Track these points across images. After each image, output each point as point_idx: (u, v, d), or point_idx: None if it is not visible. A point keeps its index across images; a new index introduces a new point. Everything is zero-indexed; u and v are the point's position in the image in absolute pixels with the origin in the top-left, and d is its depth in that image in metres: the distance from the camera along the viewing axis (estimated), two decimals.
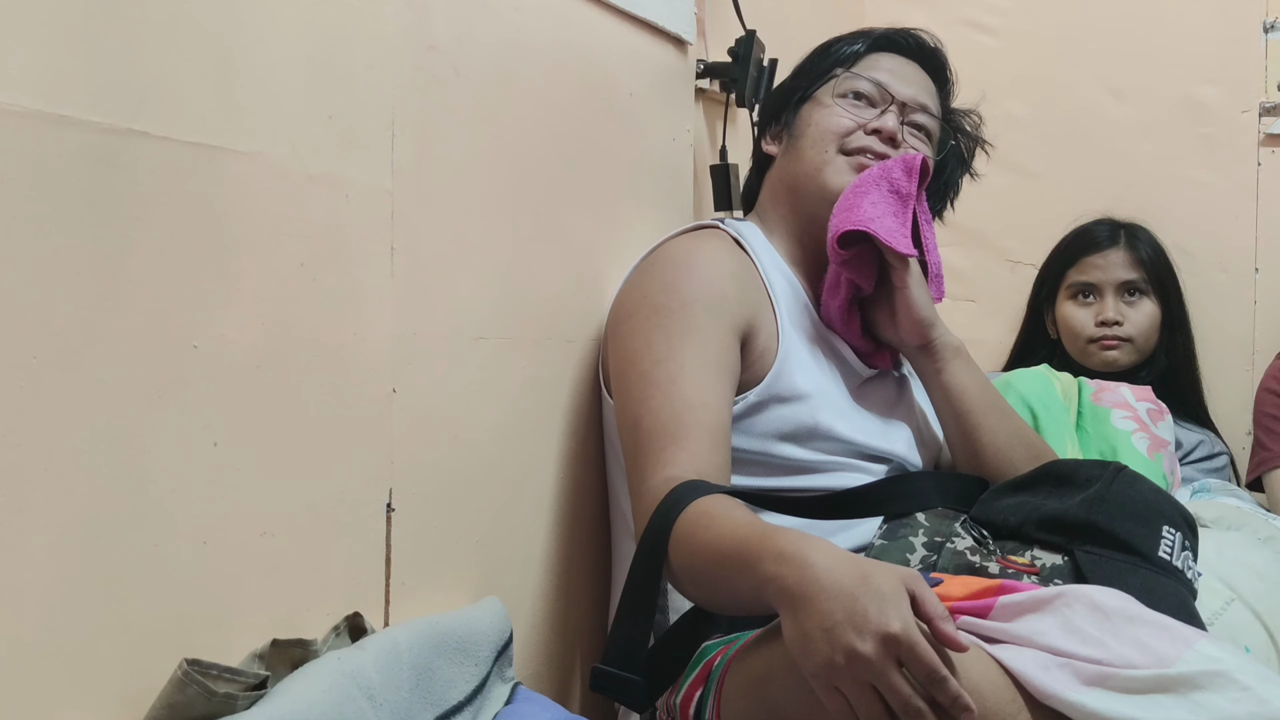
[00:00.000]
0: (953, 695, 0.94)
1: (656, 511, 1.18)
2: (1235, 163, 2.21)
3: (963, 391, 1.44)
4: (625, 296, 1.41)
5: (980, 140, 1.63)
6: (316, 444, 1.05)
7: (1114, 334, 2.07)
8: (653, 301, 1.35)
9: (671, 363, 1.29)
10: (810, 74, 1.55)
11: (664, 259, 1.40)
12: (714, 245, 1.42)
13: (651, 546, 1.17)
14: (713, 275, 1.36)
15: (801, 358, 1.40)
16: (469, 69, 1.25)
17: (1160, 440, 1.83)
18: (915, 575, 0.99)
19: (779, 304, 1.42)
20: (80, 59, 0.85)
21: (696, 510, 1.14)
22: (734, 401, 1.33)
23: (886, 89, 1.50)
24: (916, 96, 1.51)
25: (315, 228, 1.05)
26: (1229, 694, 0.94)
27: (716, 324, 1.32)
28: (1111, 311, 2.08)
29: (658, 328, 1.32)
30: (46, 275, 0.82)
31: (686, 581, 1.17)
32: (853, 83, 1.51)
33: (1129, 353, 2.08)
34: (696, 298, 1.33)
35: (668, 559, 1.16)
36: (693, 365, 1.29)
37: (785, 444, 1.36)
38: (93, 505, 0.85)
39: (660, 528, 1.16)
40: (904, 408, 1.51)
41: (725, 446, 1.28)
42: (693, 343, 1.30)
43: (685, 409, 1.26)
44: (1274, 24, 2.20)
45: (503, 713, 1.14)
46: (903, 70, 1.53)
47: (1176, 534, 1.24)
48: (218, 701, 0.88)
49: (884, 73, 1.52)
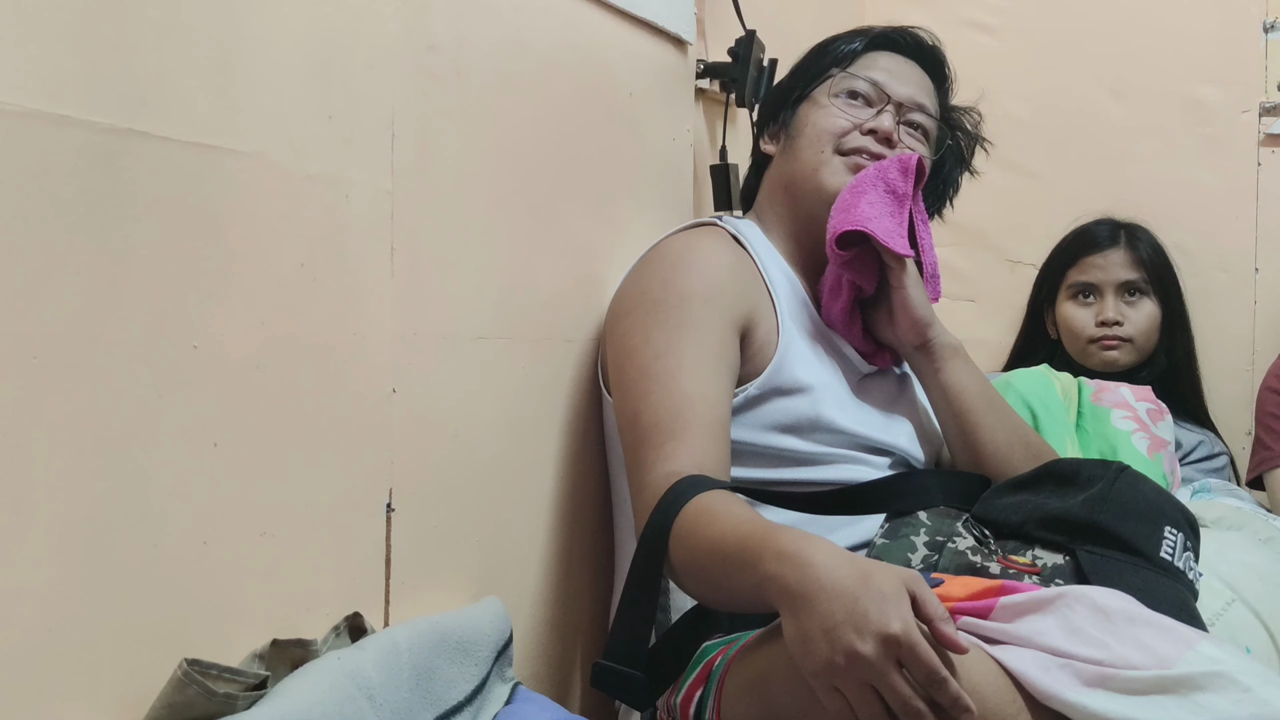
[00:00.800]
0: (953, 696, 0.94)
1: (657, 507, 1.18)
2: (1235, 163, 2.21)
3: (961, 391, 1.44)
4: (624, 292, 1.41)
5: (979, 138, 1.63)
6: (316, 444, 1.05)
7: (1114, 334, 2.07)
8: (651, 296, 1.35)
9: (670, 357, 1.29)
10: (808, 73, 1.56)
11: (662, 255, 1.40)
12: (712, 241, 1.42)
13: (652, 542, 1.17)
14: (711, 270, 1.36)
15: (802, 351, 1.40)
16: (469, 69, 1.25)
17: (1160, 440, 1.83)
18: (916, 576, 0.99)
19: (778, 299, 1.42)
20: (80, 59, 0.84)
21: (697, 506, 1.14)
22: (734, 394, 1.34)
23: (883, 88, 1.50)
24: (913, 96, 1.51)
25: (315, 228, 1.05)
26: (1230, 695, 0.94)
27: (715, 318, 1.32)
28: (1112, 312, 2.08)
29: (656, 322, 1.32)
30: (46, 275, 0.82)
31: (687, 577, 1.17)
32: (849, 82, 1.51)
33: (1129, 353, 2.08)
34: (694, 292, 1.33)
35: (668, 555, 1.16)
36: (691, 359, 1.29)
37: (787, 436, 1.36)
38: (93, 505, 0.85)
39: (661, 523, 1.16)
40: (905, 403, 1.52)
41: (725, 440, 1.28)
42: (691, 336, 1.30)
43: (685, 403, 1.26)
44: (1274, 24, 2.20)
45: (503, 713, 1.14)
46: (900, 69, 1.53)
47: (1178, 534, 1.24)
48: (218, 701, 0.88)
49: (881, 72, 1.51)
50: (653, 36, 1.64)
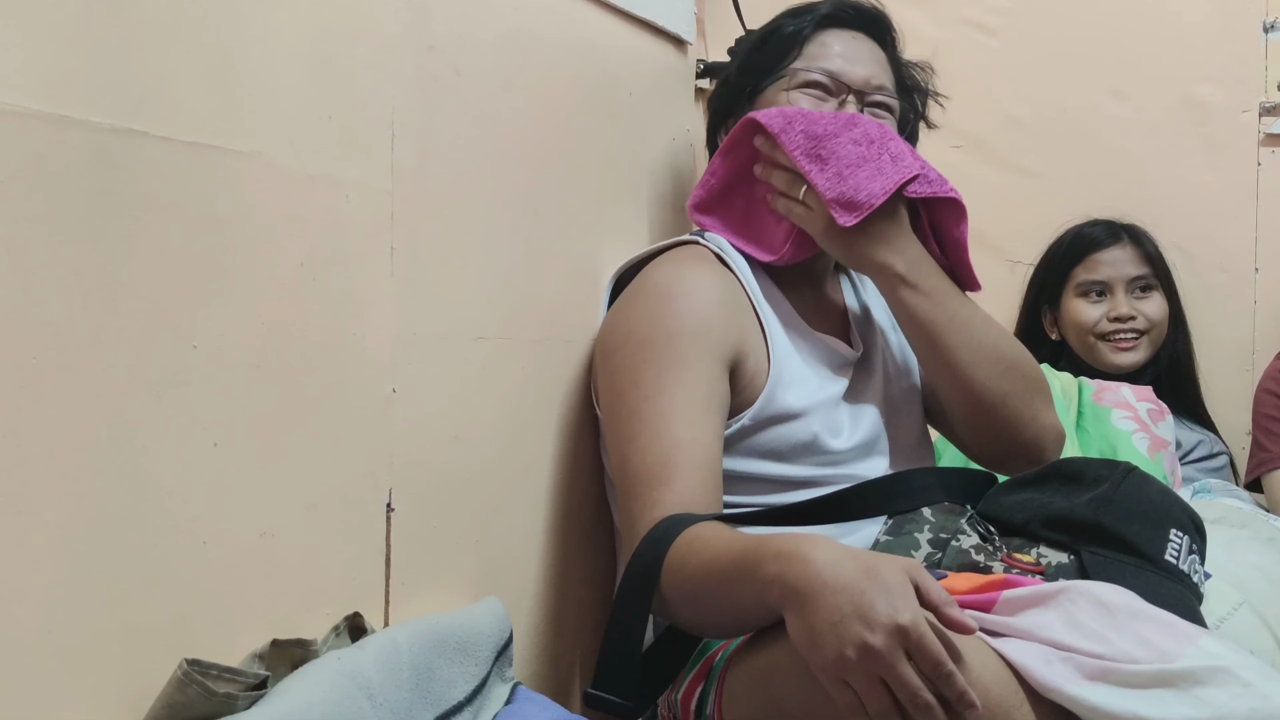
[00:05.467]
0: (959, 691, 0.94)
1: (644, 542, 1.17)
2: (1235, 163, 2.21)
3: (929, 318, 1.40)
4: (612, 327, 1.38)
5: (930, 92, 1.59)
6: (316, 444, 1.05)
7: (1130, 328, 2.07)
8: (639, 335, 1.32)
9: (660, 399, 1.27)
10: (759, 68, 1.51)
11: (648, 288, 1.37)
12: (699, 271, 1.39)
13: (642, 576, 1.16)
14: (698, 305, 1.33)
15: (792, 374, 1.38)
16: (469, 69, 1.25)
17: (1161, 440, 1.83)
18: (917, 565, 0.99)
19: (766, 322, 1.40)
20: (80, 59, 0.84)
21: (688, 537, 1.14)
22: (726, 428, 1.32)
23: (838, 77, 1.46)
24: (870, 77, 1.47)
25: (315, 228, 1.05)
26: (1231, 690, 0.94)
27: (704, 356, 1.30)
28: (1125, 307, 2.08)
29: (645, 362, 1.30)
30: (46, 275, 0.82)
31: (684, 606, 1.16)
32: (804, 76, 1.47)
33: (1144, 349, 2.08)
34: (682, 330, 1.31)
35: (660, 589, 1.15)
36: (682, 401, 1.27)
37: (781, 463, 1.36)
38: (93, 505, 0.85)
39: (650, 559, 1.15)
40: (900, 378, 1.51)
41: (716, 481, 1.26)
42: (682, 376, 1.28)
43: (673, 447, 1.24)
44: (1274, 24, 2.20)
45: (503, 713, 1.14)
46: (851, 49, 1.49)
47: (1184, 537, 1.24)
48: (218, 701, 0.88)
49: (834, 59, 1.47)
50: (653, 36, 1.64)
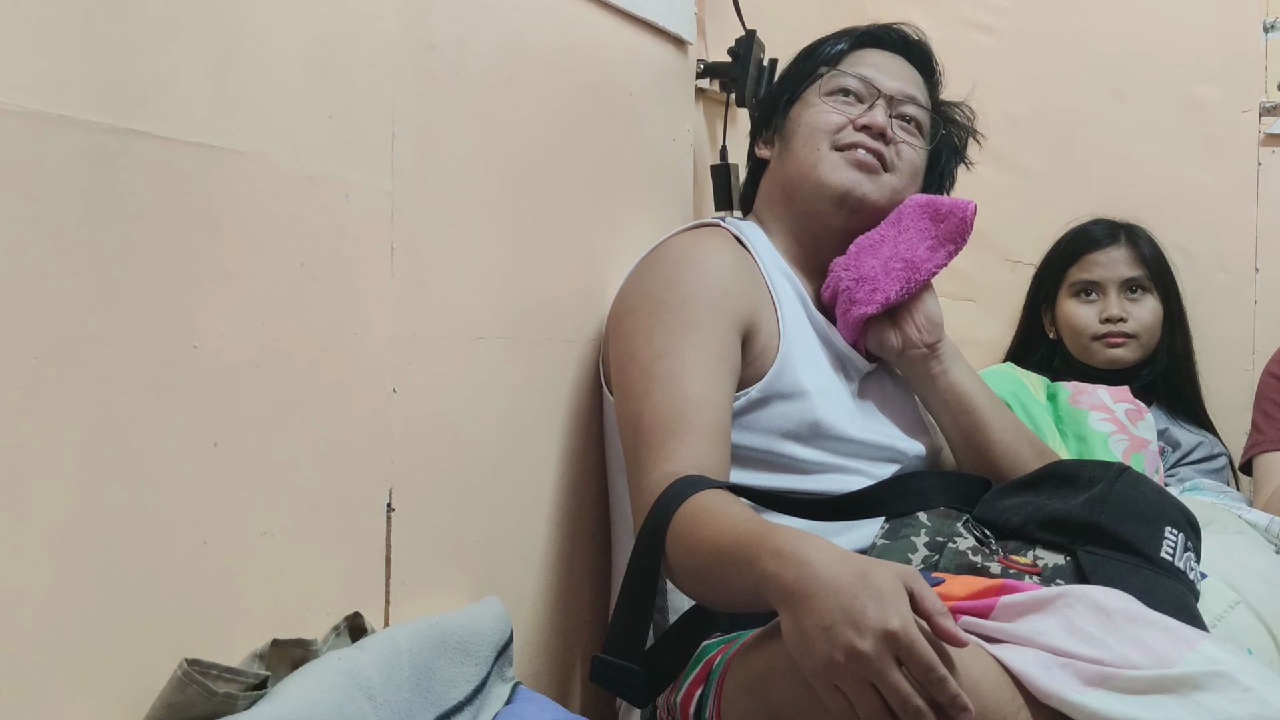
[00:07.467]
0: (951, 695, 0.94)
1: (655, 505, 1.18)
2: (1235, 163, 2.21)
3: (969, 391, 1.46)
4: (627, 292, 1.41)
5: (972, 130, 1.63)
6: (316, 444, 1.05)
7: (1119, 330, 2.07)
8: (655, 297, 1.35)
9: (673, 357, 1.29)
10: (797, 76, 1.57)
11: (666, 255, 1.41)
12: (716, 242, 1.42)
13: (650, 540, 1.17)
14: (714, 271, 1.36)
15: (803, 354, 1.41)
16: (469, 69, 1.25)
17: (1140, 440, 1.83)
18: (913, 572, 0.99)
19: (780, 301, 1.42)
20: (80, 59, 0.84)
21: (694, 505, 1.14)
22: (735, 398, 1.34)
23: (872, 83, 1.51)
24: (903, 88, 1.52)
25: (315, 228, 1.05)
26: (1230, 694, 0.94)
27: (718, 320, 1.32)
28: (1116, 308, 2.08)
29: (659, 322, 1.32)
30: (46, 275, 0.82)
31: (684, 576, 1.17)
32: (838, 80, 1.52)
33: (1134, 349, 2.08)
34: (698, 293, 1.33)
35: (665, 554, 1.16)
36: (694, 360, 1.29)
37: (789, 442, 1.36)
38: (93, 505, 0.85)
39: (658, 522, 1.16)
40: (907, 400, 1.52)
41: (725, 442, 1.28)
42: (694, 338, 1.30)
43: (686, 404, 1.26)
44: (1274, 24, 2.20)
45: (503, 712, 1.14)
46: (888, 65, 1.54)
47: (1179, 535, 1.24)
48: (218, 701, 0.88)
49: (869, 68, 1.52)
50: (653, 36, 1.64)
